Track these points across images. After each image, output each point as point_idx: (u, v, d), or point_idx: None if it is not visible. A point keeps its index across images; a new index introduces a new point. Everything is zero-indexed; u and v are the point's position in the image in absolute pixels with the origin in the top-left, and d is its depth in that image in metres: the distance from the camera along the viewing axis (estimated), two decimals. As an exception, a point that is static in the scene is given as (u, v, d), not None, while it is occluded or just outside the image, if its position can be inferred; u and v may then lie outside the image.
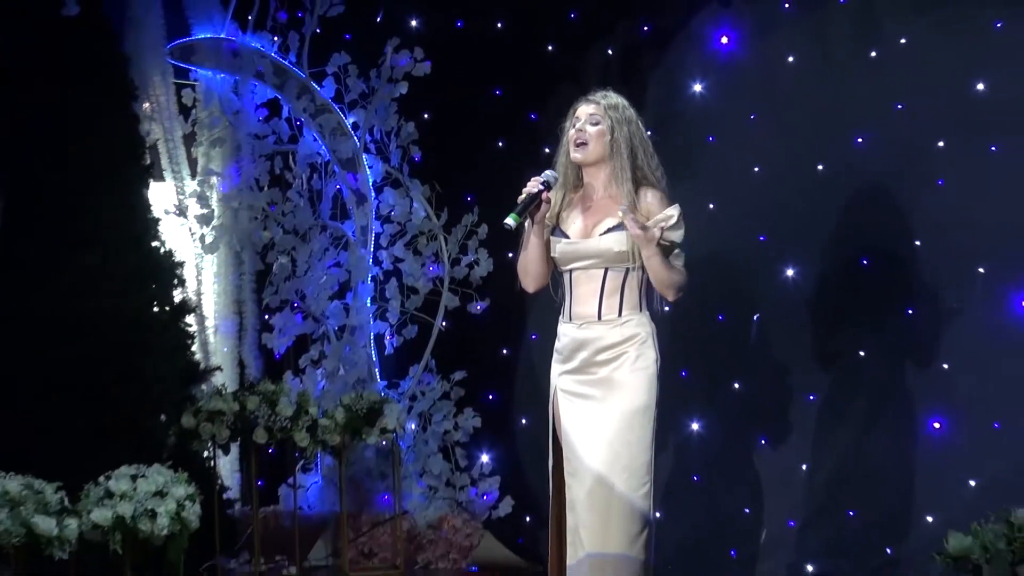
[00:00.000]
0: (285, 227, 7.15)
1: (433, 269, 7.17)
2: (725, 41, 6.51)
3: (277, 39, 7.20)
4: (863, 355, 6.10)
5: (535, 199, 4.26)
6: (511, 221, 4.20)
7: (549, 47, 7.03)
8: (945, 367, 5.90)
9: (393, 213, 7.18)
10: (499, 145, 7.10)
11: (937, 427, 5.91)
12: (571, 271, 4.36)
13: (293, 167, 7.21)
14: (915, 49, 6.00)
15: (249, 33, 7.15)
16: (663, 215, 4.25)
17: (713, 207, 6.43)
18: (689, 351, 6.21)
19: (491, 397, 7.16)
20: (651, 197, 4.31)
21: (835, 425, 6.13)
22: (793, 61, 6.34)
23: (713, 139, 6.52)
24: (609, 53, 6.82)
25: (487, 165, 6.94)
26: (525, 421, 6.86)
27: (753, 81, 6.44)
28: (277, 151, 7.19)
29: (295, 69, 7.18)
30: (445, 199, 7.17)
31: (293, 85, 7.16)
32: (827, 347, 6.19)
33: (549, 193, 4.30)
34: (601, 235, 4.30)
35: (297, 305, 7.15)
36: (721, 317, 6.44)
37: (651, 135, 4.54)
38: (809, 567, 6.08)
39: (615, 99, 4.39)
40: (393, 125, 7.16)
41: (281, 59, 7.19)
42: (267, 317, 7.18)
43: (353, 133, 7.20)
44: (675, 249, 4.30)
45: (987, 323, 5.79)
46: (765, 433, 6.33)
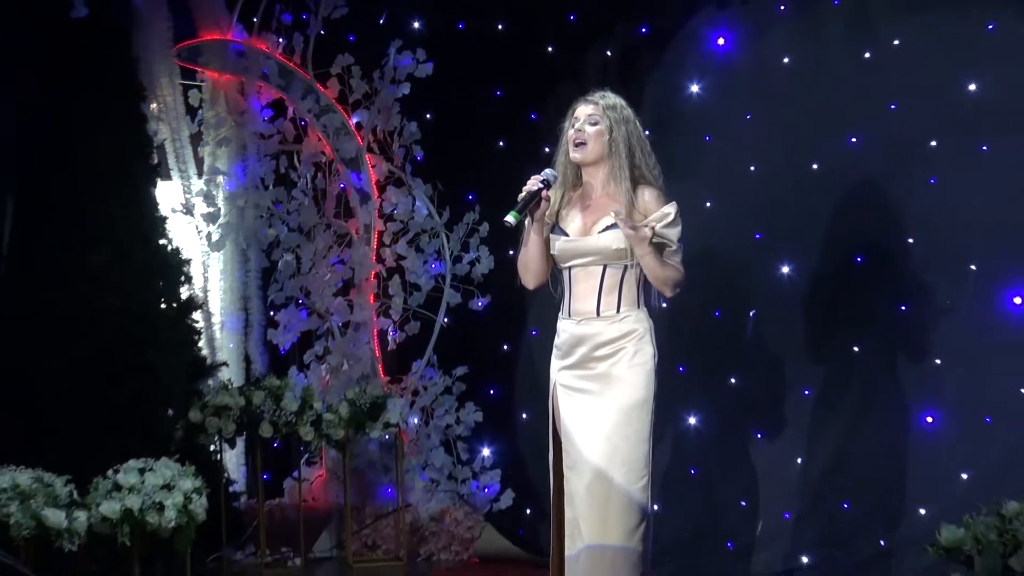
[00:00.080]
0: (290, 225, 7.20)
1: (435, 266, 7.21)
2: (722, 42, 6.49)
3: (282, 41, 7.24)
4: (857, 350, 6.08)
5: (535, 197, 4.31)
6: (511, 219, 4.25)
7: (549, 48, 7.02)
8: (937, 362, 5.90)
9: (396, 211, 7.22)
10: (500, 145, 7.10)
11: (930, 421, 5.89)
12: (570, 268, 4.41)
13: (298, 166, 7.26)
14: (908, 50, 6.00)
15: (254, 35, 7.20)
16: (659, 213, 4.30)
17: (710, 205, 6.42)
18: (686, 346, 6.23)
19: (492, 392, 7.18)
20: (649, 195, 4.35)
21: (829, 419, 6.11)
22: (788, 62, 6.32)
23: (710, 138, 6.51)
24: (608, 54, 6.80)
25: (488, 164, 6.96)
26: (526, 415, 6.87)
27: (749, 81, 6.43)
28: (282, 150, 7.25)
29: (300, 70, 7.24)
30: (447, 198, 7.21)
31: (298, 86, 7.21)
32: (821, 343, 6.16)
33: (549, 191, 4.35)
34: (599, 233, 4.35)
35: (302, 301, 7.20)
36: (717, 313, 6.43)
37: (649, 134, 4.58)
38: (804, 558, 6.06)
39: (613, 99, 4.44)
40: (396, 125, 7.20)
41: (286, 60, 7.25)
42: (272, 313, 7.23)
43: (356, 133, 7.26)
44: (672, 246, 4.33)
45: (979, 319, 5.78)
46: (761, 427, 6.30)
